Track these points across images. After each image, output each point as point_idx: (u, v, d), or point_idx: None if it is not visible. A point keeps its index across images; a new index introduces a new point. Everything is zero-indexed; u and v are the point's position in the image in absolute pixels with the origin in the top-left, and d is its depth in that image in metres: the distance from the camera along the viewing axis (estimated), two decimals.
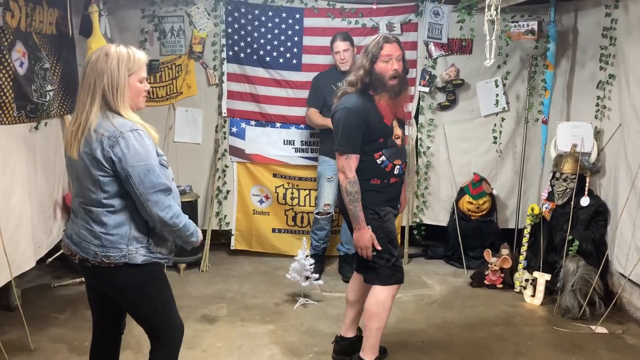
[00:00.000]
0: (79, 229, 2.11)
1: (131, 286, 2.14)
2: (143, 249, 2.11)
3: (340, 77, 4.24)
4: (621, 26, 3.86)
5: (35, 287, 4.10)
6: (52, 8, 3.82)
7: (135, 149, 1.98)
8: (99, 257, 2.06)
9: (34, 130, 3.68)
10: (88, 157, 2.02)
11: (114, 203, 2.06)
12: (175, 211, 2.07)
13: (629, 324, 3.67)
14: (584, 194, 4.01)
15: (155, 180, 2.01)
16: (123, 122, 2.02)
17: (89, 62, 2.05)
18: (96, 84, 2.02)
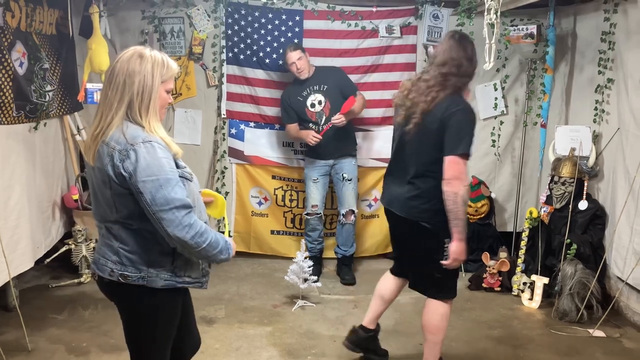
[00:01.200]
0: (100, 246, 1.97)
1: (143, 310, 1.97)
2: (166, 273, 1.93)
3: (304, 85, 4.31)
4: (620, 31, 3.88)
5: (34, 287, 4.09)
6: (52, 8, 3.83)
7: (146, 161, 1.78)
8: (115, 276, 1.90)
9: (33, 131, 3.69)
10: (100, 172, 1.86)
11: (133, 221, 1.88)
12: (197, 229, 1.83)
13: (626, 328, 3.68)
14: (582, 197, 4.02)
15: (168, 195, 1.78)
16: (136, 134, 1.82)
17: (120, 60, 1.87)
18: (126, 85, 1.84)
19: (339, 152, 4.37)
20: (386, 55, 4.73)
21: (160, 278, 1.92)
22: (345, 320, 3.73)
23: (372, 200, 4.95)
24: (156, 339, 2.03)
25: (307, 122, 4.34)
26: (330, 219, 4.86)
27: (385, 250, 5.01)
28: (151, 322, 2.00)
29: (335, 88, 4.33)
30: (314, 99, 4.32)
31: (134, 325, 2.03)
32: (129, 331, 2.05)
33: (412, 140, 2.66)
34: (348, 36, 4.67)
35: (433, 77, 2.67)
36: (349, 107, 4.24)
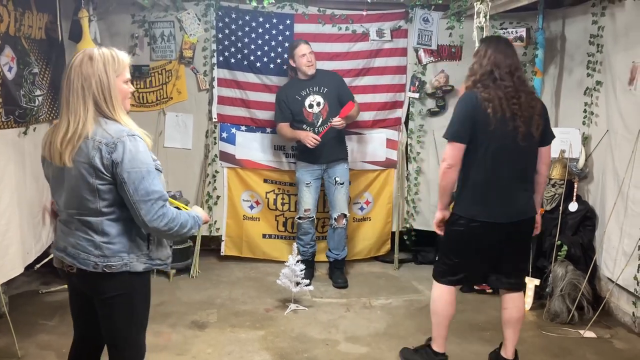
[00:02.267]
0: (76, 241, 2.05)
1: (123, 295, 2.09)
2: (144, 257, 2.09)
3: (303, 85, 4.29)
4: (608, 33, 3.91)
5: (24, 293, 4.06)
6: (41, 13, 3.80)
7: (131, 154, 1.95)
8: (99, 268, 2.02)
9: (22, 136, 3.66)
10: (84, 166, 1.96)
11: (114, 211, 2.02)
12: (170, 217, 2.01)
13: (617, 329, 3.70)
14: (572, 199, 4.04)
15: (149, 187, 1.96)
16: (120, 128, 1.98)
17: (73, 66, 1.99)
18: (85, 89, 1.96)
19: (331, 156, 4.37)
20: (377, 59, 4.75)
21: (140, 262, 2.09)
22: (337, 324, 3.73)
23: (364, 203, 4.96)
24: (135, 320, 2.17)
25: (301, 123, 4.33)
26: (322, 222, 4.86)
27: (377, 253, 5.03)
28: (130, 304, 2.13)
29: (334, 93, 4.34)
30: (313, 100, 4.31)
31: (115, 311, 2.12)
32: (109, 319, 2.14)
33: (525, 146, 2.81)
34: (339, 40, 4.69)
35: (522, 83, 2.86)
36: (348, 112, 4.25)
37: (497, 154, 2.78)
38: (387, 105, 4.83)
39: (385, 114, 4.84)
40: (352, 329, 3.66)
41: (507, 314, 3.05)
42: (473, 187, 2.85)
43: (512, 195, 2.85)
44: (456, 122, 2.83)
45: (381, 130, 4.87)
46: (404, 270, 4.85)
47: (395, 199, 4.95)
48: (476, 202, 2.85)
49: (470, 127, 2.77)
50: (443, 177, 2.86)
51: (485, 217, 2.83)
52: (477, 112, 2.76)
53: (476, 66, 2.88)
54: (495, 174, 2.80)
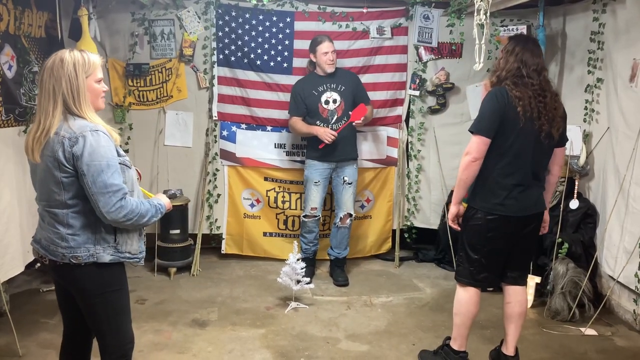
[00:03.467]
0: (47, 233, 2.15)
1: (94, 286, 2.16)
2: (110, 249, 2.16)
3: (321, 81, 4.27)
4: (609, 30, 3.90)
5: (24, 292, 4.07)
6: (41, 11, 3.81)
7: (92, 147, 2.03)
8: (67, 258, 2.11)
9: (22, 134, 3.66)
10: (50, 159, 2.06)
11: (78, 203, 2.10)
12: (129, 209, 2.08)
13: (618, 326, 3.70)
14: (573, 196, 4.04)
15: (107, 180, 2.03)
16: (83, 124, 2.06)
17: (45, 68, 2.09)
18: (55, 89, 2.05)
19: (343, 155, 4.35)
20: (377, 56, 4.74)
21: (107, 253, 2.15)
22: (338, 322, 3.73)
23: (365, 201, 4.96)
24: (112, 312, 2.23)
25: (315, 118, 4.30)
26: (324, 220, 4.86)
27: (378, 251, 5.02)
28: (104, 295, 2.19)
29: (350, 92, 4.32)
30: (329, 97, 4.29)
31: (88, 301, 2.20)
32: (86, 310, 2.22)
33: (545, 144, 2.87)
34: (339, 37, 4.67)
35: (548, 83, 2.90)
36: (360, 116, 4.23)
37: (520, 150, 2.81)
38: (387, 103, 4.82)
39: (385, 112, 4.84)
40: (352, 327, 3.66)
41: (509, 308, 3.05)
42: (493, 181, 2.86)
43: (528, 190, 2.88)
44: (486, 116, 2.81)
45: (382, 128, 4.87)
46: (404, 268, 4.85)
47: (395, 196, 4.94)
48: (495, 196, 2.86)
49: (498, 123, 2.78)
50: (465, 170, 2.85)
51: (503, 210, 2.85)
52: (507, 109, 2.77)
53: (502, 62, 2.89)
54: (515, 169, 2.84)
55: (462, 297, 3.02)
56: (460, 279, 3.02)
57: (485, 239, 2.91)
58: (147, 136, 4.69)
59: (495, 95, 2.81)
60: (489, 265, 2.96)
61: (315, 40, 4.27)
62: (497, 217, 2.86)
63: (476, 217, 2.92)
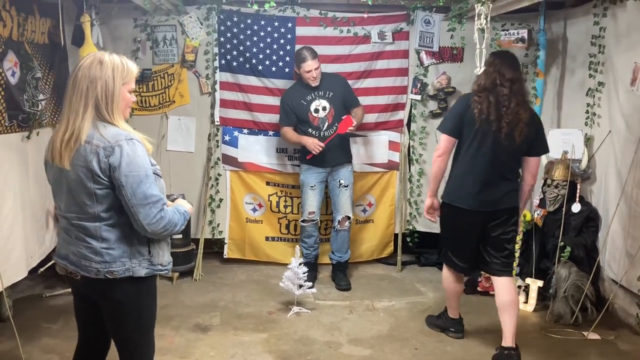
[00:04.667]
0: (77, 248, 2.05)
1: (129, 299, 2.10)
2: (145, 262, 2.09)
3: (309, 90, 4.27)
4: (610, 34, 3.91)
5: (27, 297, 4.08)
6: (44, 18, 3.83)
7: (129, 157, 1.95)
8: (102, 274, 2.02)
9: (25, 140, 3.68)
10: (82, 170, 1.96)
11: (112, 215, 2.02)
12: (167, 219, 2.03)
13: (621, 330, 3.69)
14: (575, 200, 4.03)
15: (147, 191, 1.96)
16: (117, 132, 1.98)
17: (81, 67, 1.99)
18: (89, 91, 1.96)
19: (336, 160, 4.37)
20: (379, 61, 4.75)
21: (142, 267, 2.09)
22: (340, 326, 3.73)
23: (367, 206, 4.96)
24: (142, 324, 2.19)
25: (306, 126, 4.32)
26: (325, 224, 4.86)
27: (380, 255, 5.02)
28: (137, 308, 2.14)
29: (339, 96, 4.32)
30: (319, 105, 4.30)
31: (122, 316, 2.14)
32: (118, 323, 2.17)
33: (507, 145, 3.13)
34: (340, 42, 4.69)
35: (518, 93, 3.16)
36: (349, 126, 4.22)
37: (478, 149, 3.14)
38: (389, 108, 4.83)
39: (387, 116, 4.84)
40: (355, 332, 3.66)
41: (498, 299, 3.29)
42: (455, 176, 3.27)
43: (491, 186, 3.18)
44: (449, 118, 3.30)
45: (383, 132, 4.87)
46: (406, 272, 4.85)
47: (397, 201, 4.95)
48: (456, 190, 3.25)
49: (459, 123, 3.18)
50: (433, 164, 3.31)
51: (461, 203, 3.21)
52: (466, 112, 3.15)
53: (483, 74, 3.23)
54: (475, 166, 3.17)
55: (444, 274, 3.50)
56: (444, 261, 3.48)
57: (450, 228, 3.36)
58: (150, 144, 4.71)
59: (459, 101, 3.29)
60: (456, 253, 3.36)
61: (299, 57, 4.22)
62: (458, 209, 3.23)
63: (443, 209, 3.35)
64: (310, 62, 4.16)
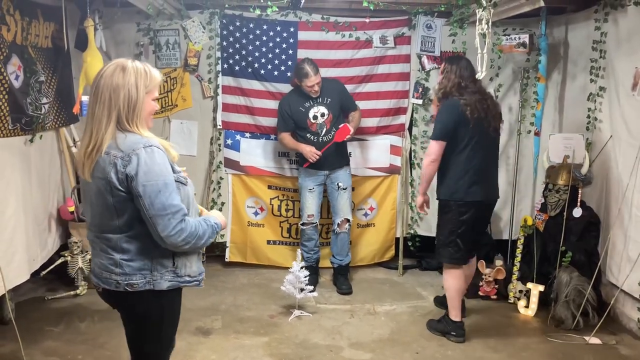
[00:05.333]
0: (100, 260, 2.00)
1: (150, 313, 2.04)
2: (169, 274, 2.01)
3: (307, 97, 4.28)
4: (611, 39, 3.92)
5: (29, 300, 4.09)
6: (48, 22, 3.85)
7: (147, 166, 1.86)
8: (121, 287, 1.96)
9: (28, 143, 3.70)
10: (101, 182, 1.90)
11: (134, 227, 1.94)
12: (189, 231, 1.92)
13: (622, 335, 3.69)
14: (577, 205, 4.03)
15: (166, 201, 1.87)
16: (136, 139, 1.90)
17: (103, 75, 1.91)
18: (112, 100, 1.89)
19: (333, 165, 4.38)
20: (380, 65, 4.77)
21: (165, 280, 2.00)
22: (341, 330, 3.73)
23: (368, 209, 4.97)
24: (162, 339, 2.12)
25: (305, 132, 4.34)
26: (325, 228, 4.87)
27: (382, 259, 5.03)
28: (158, 323, 2.07)
29: (337, 102, 4.34)
30: (317, 112, 4.31)
31: (142, 329, 2.09)
32: (136, 335, 2.12)
33: (494, 137, 3.57)
34: (342, 47, 4.71)
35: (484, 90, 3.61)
36: (346, 135, 4.25)
37: (474, 145, 3.42)
38: (390, 112, 4.84)
39: (388, 120, 4.86)
40: (356, 335, 3.66)
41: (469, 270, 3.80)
42: (457, 175, 3.45)
43: (489, 177, 3.57)
44: (442, 124, 3.44)
45: (385, 137, 4.89)
46: (408, 276, 4.85)
47: (399, 205, 4.95)
48: (464, 187, 3.44)
49: (453, 128, 3.39)
50: (427, 168, 3.52)
51: (473, 197, 3.44)
52: (460, 115, 3.38)
53: (445, 80, 3.52)
54: (475, 161, 3.43)
55: (448, 275, 3.59)
56: (445, 261, 3.58)
57: (460, 223, 3.49)
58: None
59: (449, 106, 3.43)
60: (465, 243, 3.53)
61: (301, 72, 4.17)
62: (469, 203, 3.45)
63: (449, 207, 3.50)
64: (313, 77, 4.16)
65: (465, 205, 3.46)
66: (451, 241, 3.52)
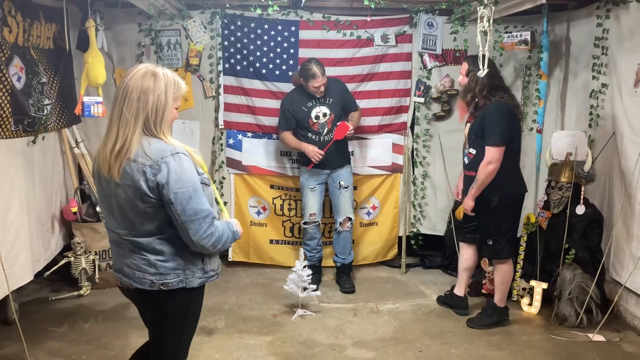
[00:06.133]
0: (131, 260, 2.06)
1: (178, 308, 2.14)
2: (199, 271, 2.12)
3: (310, 97, 4.27)
4: (613, 36, 3.91)
5: (33, 300, 4.09)
6: (49, 23, 3.86)
7: (177, 174, 1.93)
8: (156, 286, 2.04)
9: (31, 144, 3.71)
10: (130, 189, 1.95)
11: (165, 230, 2.02)
12: (217, 236, 2.02)
13: (626, 332, 3.68)
14: (580, 202, 4.02)
15: (197, 207, 1.95)
16: (163, 147, 1.96)
17: (133, 77, 1.96)
18: (140, 102, 1.94)
19: (335, 164, 4.38)
20: (382, 64, 4.76)
21: (196, 277, 2.11)
22: (344, 329, 3.73)
23: (371, 208, 4.96)
24: (185, 332, 2.24)
25: (306, 131, 4.34)
26: (328, 227, 4.87)
27: (384, 258, 5.03)
28: (184, 318, 2.18)
29: (339, 102, 4.34)
30: (319, 111, 4.31)
31: (169, 325, 2.17)
32: (163, 331, 2.19)
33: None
34: (343, 45, 4.71)
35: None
36: (345, 133, 4.25)
37: (519, 143, 3.62)
38: (392, 110, 4.84)
39: (390, 119, 4.85)
40: (359, 334, 3.66)
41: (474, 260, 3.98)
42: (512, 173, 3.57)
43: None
44: (502, 130, 3.44)
45: (387, 135, 4.88)
46: (411, 274, 4.85)
47: (401, 203, 4.95)
48: (521, 183, 3.64)
49: (510, 131, 3.48)
50: (490, 176, 3.48)
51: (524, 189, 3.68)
52: (515, 117, 3.54)
53: (471, 83, 3.51)
54: (518, 157, 3.66)
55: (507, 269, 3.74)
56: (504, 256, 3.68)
57: (517, 216, 3.68)
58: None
59: (504, 111, 3.46)
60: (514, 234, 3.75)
61: (308, 72, 4.14)
62: (521, 197, 3.65)
63: (507, 205, 3.57)
64: (321, 78, 4.15)
65: (521, 199, 3.65)
66: (510, 236, 3.65)
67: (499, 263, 3.71)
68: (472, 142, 3.63)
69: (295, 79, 4.39)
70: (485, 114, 3.49)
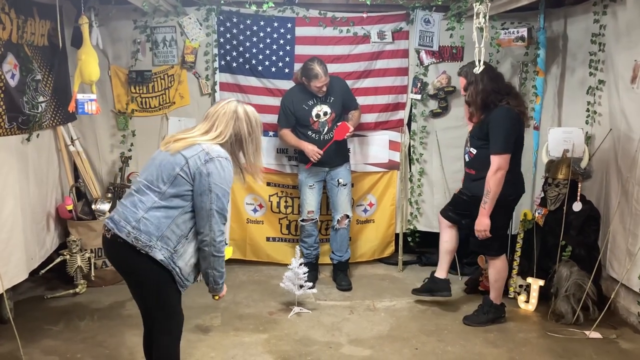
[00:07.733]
0: (124, 210, 2.35)
1: (148, 277, 2.35)
2: (167, 251, 2.31)
3: (311, 95, 4.25)
4: (610, 32, 3.90)
5: (28, 299, 4.09)
6: (43, 20, 3.84)
7: (224, 171, 2.33)
8: (130, 237, 2.28)
9: (25, 142, 3.69)
10: (181, 158, 2.32)
11: (170, 201, 2.31)
12: (223, 239, 2.37)
13: (622, 329, 3.68)
14: (577, 199, 4.02)
15: (224, 205, 2.34)
16: (218, 149, 2.37)
17: (246, 110, 2.50)
18: (239, 131, 2.45)
19: (334, 162, 4.37)
20: (378, 61, 4.75)
21: (161, 253, 2.30)
22: (341, 327, 3.73)
23: (367, 205, 4.95)
24: (166, 305, 2.44)
25: (306, 129, 4.31)
26: (325, 224, 4.86)
27: (381, 255, 5.02)
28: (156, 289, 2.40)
29: (340, 101, 4.32)
30: (320, 110, 4.29)
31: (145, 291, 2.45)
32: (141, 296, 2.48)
33: None
34: (340, 42, 4.69)
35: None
36: (345, 133, 4.25)
37: (521, 146, 3.61)
38: (389, 107, 4.82)
39: (387, 116, 4.84)
40: (355, 332, 3.66)
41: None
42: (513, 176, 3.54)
43: None
44: (508, 137, 3.45)
45: (384, 132, 4.87)
46: (408, 272, 4.84)
47: (398, 200, 4.94)
48: (517, 184, 3.64)
49: (515, 137, 3.48)
50: (499, 183, 3.45)
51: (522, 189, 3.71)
52: (520, 123, 3.54)
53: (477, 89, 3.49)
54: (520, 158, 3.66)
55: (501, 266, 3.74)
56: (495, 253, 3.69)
57: (510, 215, 3.75)
58: (149, 143, 4.70)
59: (510, 118, 3.46)
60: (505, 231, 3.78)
61: (310, 73, 4.10)
62: (517, 197, 3.68)
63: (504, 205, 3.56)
64: (323, 78, 4.13)
65: (517, 200, 3.68)
66: (502, 233, 3.68)
67: (492, 259, 3.72)
68: (473, 142, 3.65)
69: (297, 77, 4.37)
70: (489, 120, 3.49)
